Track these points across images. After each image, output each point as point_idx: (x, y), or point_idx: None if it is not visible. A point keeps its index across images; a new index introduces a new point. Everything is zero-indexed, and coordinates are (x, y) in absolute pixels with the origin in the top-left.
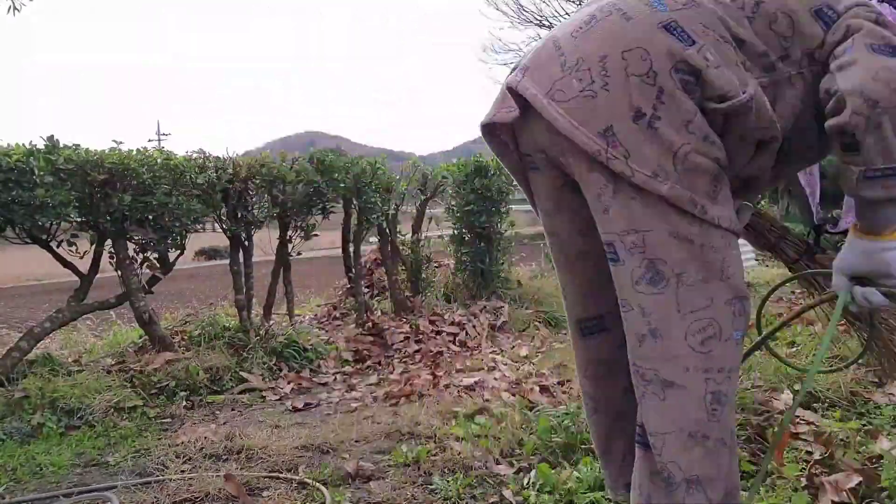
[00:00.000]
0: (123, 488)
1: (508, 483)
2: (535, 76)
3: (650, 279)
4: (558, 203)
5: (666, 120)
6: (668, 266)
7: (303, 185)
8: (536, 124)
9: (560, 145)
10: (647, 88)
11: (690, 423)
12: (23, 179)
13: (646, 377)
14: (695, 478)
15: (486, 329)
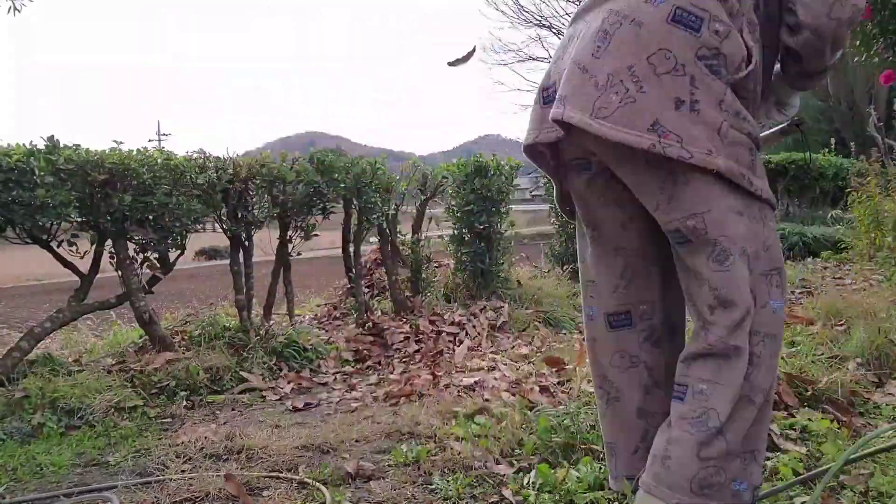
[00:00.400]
0: (124, 488)
1: (508, 483)
2: (576, 102)
3: (716, 257)
4: (604, 198)
5: (704, 102)
6: (732, 242)
7: (303, 186)
8: (586, 136)
9: (612, 153)
10: (679, 79)
11: None
12: (23, 179)
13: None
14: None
15: (486, 329)
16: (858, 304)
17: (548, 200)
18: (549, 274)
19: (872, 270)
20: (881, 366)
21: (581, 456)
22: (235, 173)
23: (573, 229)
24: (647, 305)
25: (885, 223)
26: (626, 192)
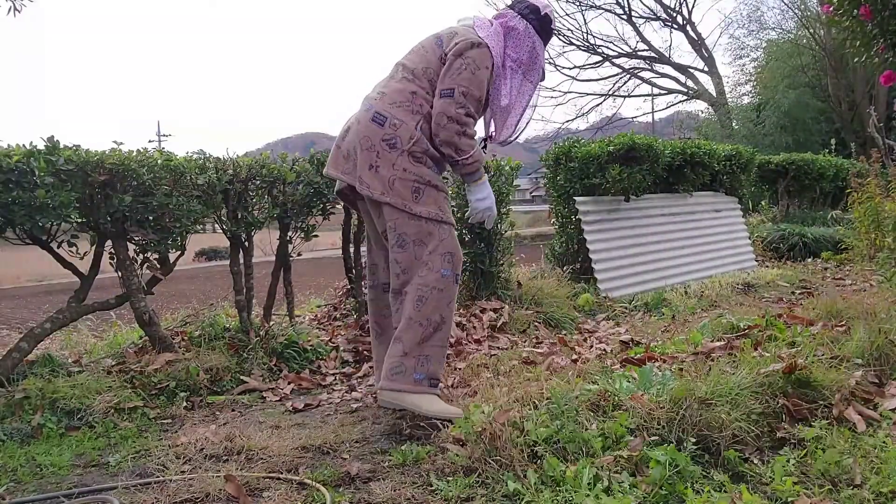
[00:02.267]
0: (124, 489)
1: (508, 483)
2: (333, 166)
3: (400, 244)
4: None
5: (382, 165)
6: (408, 236)
7: (303, 186)
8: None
9: None
10: (371, 154)
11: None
12: (23, 180)
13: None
14: (407, 339)
15: (487, 329)
16: (858, 305)
17: (548, 201)
18: (549, 275)
19: (872, 271)
20: (881, 366)
21: (581, 455)
22: (235, 174)
23: (573, 230)
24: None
25: (885, 224)
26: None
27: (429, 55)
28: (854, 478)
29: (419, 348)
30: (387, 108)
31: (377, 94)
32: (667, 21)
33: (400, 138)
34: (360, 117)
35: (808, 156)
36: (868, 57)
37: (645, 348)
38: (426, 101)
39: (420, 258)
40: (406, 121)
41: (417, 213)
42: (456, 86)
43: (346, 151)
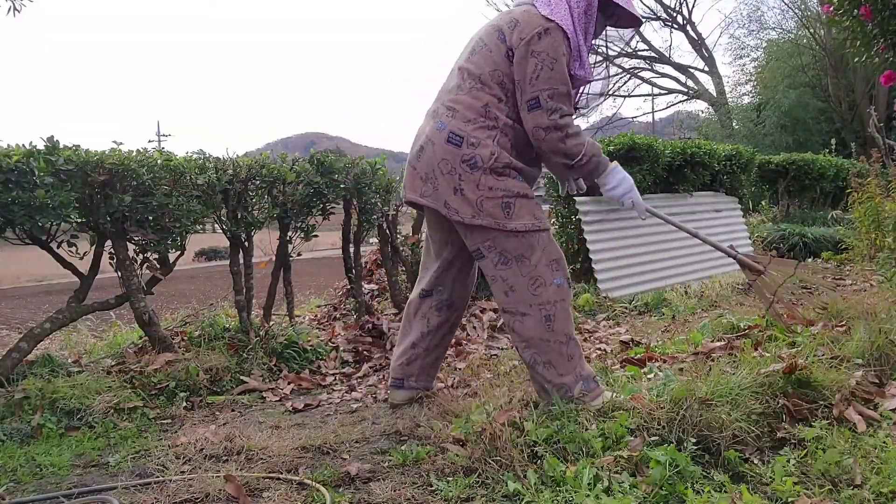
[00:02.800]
0: (123, 489)
1: (508, 483)
2: (411, 189)
3: (502, 262)
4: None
5: (466, 188)
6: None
7: (303, 186)
8: None
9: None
10: (453, 177)
11: None
12: (23, 180)
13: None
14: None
15: (486, 329)
16: (859, 305)
17: (547, 201)
18: None
19: (873, 271)
20: (881, 366)
21: (581, 456)
22: (235, 174)
23: (573, 230)
24: (443, 286)
25: (886, 224)
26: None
27: (494, 55)
28: (854, 478)
29: (570, 364)
30: (461, 127)
31: (447, 111)
32: (667, 21)
33: (480, 157)
34: (433, 137)
35: (809, 156)
36: (868, 57)
37: (645, 348)
38: (500, 110)
39: (526, 274)
40: (482, 138)
41: (513, 229)
42: (539, 93)
43: (424, 174)
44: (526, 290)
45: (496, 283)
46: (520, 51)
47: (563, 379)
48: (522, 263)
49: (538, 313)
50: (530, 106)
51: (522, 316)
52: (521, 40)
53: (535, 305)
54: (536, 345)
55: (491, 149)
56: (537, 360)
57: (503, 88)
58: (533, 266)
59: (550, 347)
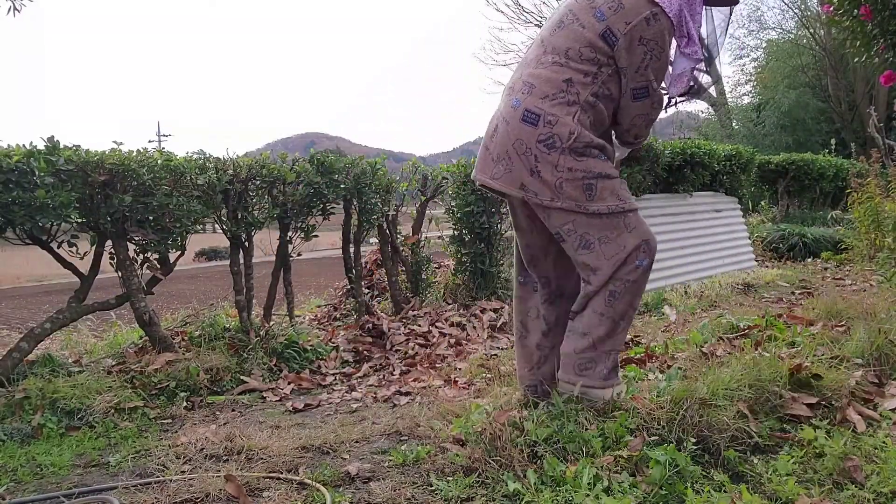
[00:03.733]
0: (124, 489)
1: (508, 483)
2: (482, 170)
3: (584, 245)
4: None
5: (543, 170)
6: (591, 236)
7: (303, 186)
8: None
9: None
10: (529, 158)
11: None
12: (23, 180)
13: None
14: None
15: (487, 329)
16: (858, 305)
17: None
18: None
19: (872, 271)
20: (881, 366)
21: (581, 456)
22: (235, 174)
23: None
24: (548, 277)
25: (885, 224)
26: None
27: (587, 32)
28: (854, 478)
29: (608, 342)
30: (538, 105)
31: (524, 87)
32: None
33: (558, 136)
34: (507, 116)
35: (808, 156)
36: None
37: (645, 348)
38: (584, 86)
39: (610, 256)
40: (561, 116)
41: (596, 211)
42: (648, 83)
43: (497, 154)
44: (607, 271)
45: (581, 270)
46: (626, 37)
47: (593, 353)
48: (606, 245)
49: (605, 288)
50: (638, 95)
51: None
52: (627, 25)
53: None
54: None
55: (570, 127)
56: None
57: (593, 64)
58: (620, 247)
59: (600, 321)
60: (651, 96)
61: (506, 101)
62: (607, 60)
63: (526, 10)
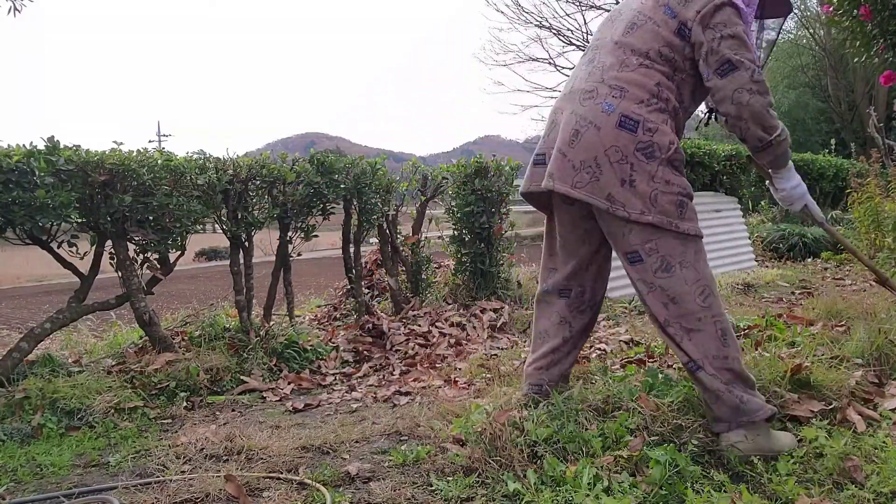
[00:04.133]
0: (124, 489)
1: (508, 483)
2: (560, 178)
3: (664, 268)
4: (575, 224)
5: (639, 179)
6: (673, 259)
7: (303, 186)
8: None
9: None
10: (624, 166)
11: None
12: (23, 180)
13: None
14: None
15: (487, 329)
16: (858, 305)
17: None
18: None
19: None
20: (881, 366)
21: (581, 455)
22: (235, 174)
23: None
24: (583, 287)
25: (885, 224)
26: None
27: (662, 30)
28: (855, 478)
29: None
30: (635, 110)
31: (613, 91)
32: None
33: (658, 145)
34: (596, 121)
35: (808, 156)
36: (868, 57)
37: (645, 348)
38: (671, 90)
39: (693, 282)
40: (659, 123)
41: (684, 231)
42: (729, 54)
43: (580, 161)
44: (693, 300)
45: (653, 293)
46: (697, 25)
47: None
48: (688, 270)
49: (712, 326)
50: (723, 70)
51: (690, 332)
52: (698, 13)
53: (707, 319)
54: (713, 363)
55: (670, 137)
56: (718, 380)
57: (672, 66)
58: (699, 273)
59: (730, 366)
60: (741, 68)
61: (590, 106)
62: (682, 62)
63: (526, 10)
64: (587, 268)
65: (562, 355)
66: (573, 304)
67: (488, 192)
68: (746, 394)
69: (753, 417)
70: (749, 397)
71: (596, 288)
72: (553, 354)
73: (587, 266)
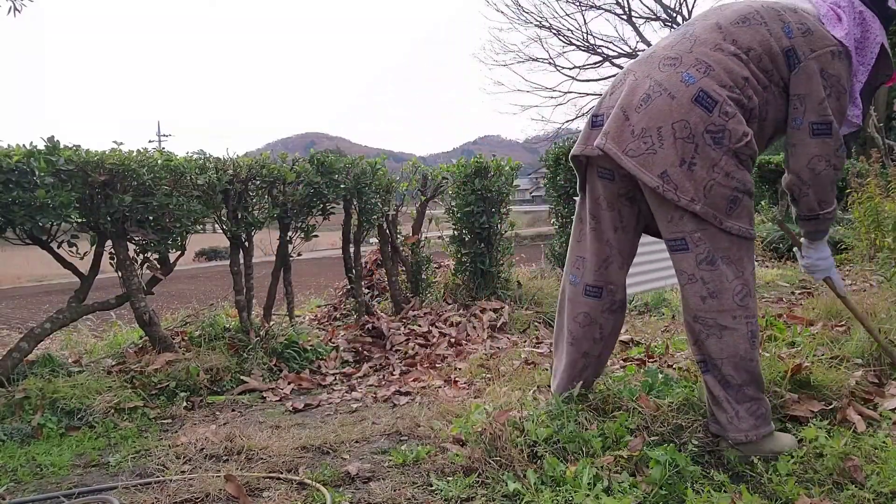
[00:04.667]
0: (124, 489)
1: (508, 483)
2: (615, 139)
3: (708, 261)
4: (612, 203)
5: (699, 164)
6: (718, 252)
7: (303, 186)
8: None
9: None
10: (688, 145)
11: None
12: (23, 180)
13: (707, 324)
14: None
15: (486, 329)
16: (858, 305)
17: (548, 201)
18: (549, 275)
19: (872, 271)
20: (881, 366)
21: (581, 455)
22: (235, 174)
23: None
24: (614, 286)
25: (885, 224)
26: (627, 208)
27: (771, 41)
28: (855, 478)
29: (762, 387)
30: (716, 90)
31: (700, 64)
32: (667, 21)
33: (730, 133)
34: (672, 88)
35: None
36: None
37: (645, 348)
38: (758, 95)
39: (735, 278)
40: (738, 113)
41: (727, 229)
42: (830, 121)
43: (641, 128)
44: (731, 298)
45: (693, 285)
46: (809, 64)
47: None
48: (729, 267)
49: (745, 327)
50: (818, 130)
51: (722, 330)
52: (813, 52)
53: (741, 318)
54: (735, 364)
55: (745, 128)
56: (742, 383)
57: (767, 77)
58: (740, 272)
59: (752, 368)
60: (833, 136)
61: (669, 73)
62: (779, 80)
63: (526, 10)
64: (621, 261)
65: (593, 359)
66: (606, 304)
67: (488, 192)
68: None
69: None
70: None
71: (624, 287)
72: (585, 359)
73: (621, 259)
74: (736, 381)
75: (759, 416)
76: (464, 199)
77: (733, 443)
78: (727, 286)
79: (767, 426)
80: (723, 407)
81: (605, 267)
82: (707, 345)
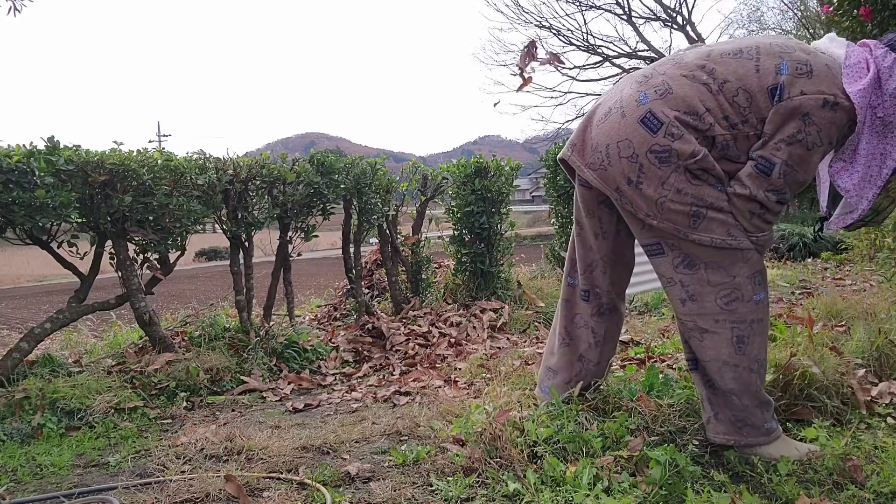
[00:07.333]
0: (124, 489)
1: (508, 483)
2: (579, 151)
3: (686, 264)
4: (591, 210)
5: (646, 183)
6: (699, 259)
7: (303, 186)
8: None
9: None
10: (633, 164)
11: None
12: (23, 180)
13: (688, 326)
14: (730, 389)
15: (486, 329)
16: (858, 305)
17: (548, 201)
18: (548, 275)
19: (872, 271)
20: (881, 366)
21: (581, 455)
22: (235, 174)
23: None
24: (599, 289)
25: (885, 224)
26: (606, 215)
27: (752, 77)
28: (855, 478)
29: (759, 395)
30: (665, 112)
31: (661, 85)
32: (667, 21)
33: (676, 152)
34: (626, 107)
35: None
36: None
37: (645, 348)
38: (719, 124)
39: (717, 283)
40: (685, 133)
41: (698, 241)
42: (779, 162)
43: (596, 143)
44: (713, 301)
45: (672, 287)
46: (792, 102)
47: (754, 410)
48: (713, 271)
49: (728, 331)
50: (759, 167)
51: (703, 333)
52: (803, 94)
53: (724, 322)
54: (719, 369)
55: (694, 147)
56: (728, 389)
57: (738, 115)
58: (730, 276)
59: (738, 375)
60: (771, 179)
61: (633, 90)
62: (753, 120)
63: (526, 10)
64: (604, 267)
65: (591, 365)
66: (592, 307)
67: (488, 192)
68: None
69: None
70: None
71: (612, 293)
72: (581, 363)
73: (604, 265)
74: (720, 385)
75: (743, 426)
76: (464, 200)
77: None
78: (708, 290)
79: (758, 437)
80: (703, 405)
81: (591, 271)
82: (692, 345)
